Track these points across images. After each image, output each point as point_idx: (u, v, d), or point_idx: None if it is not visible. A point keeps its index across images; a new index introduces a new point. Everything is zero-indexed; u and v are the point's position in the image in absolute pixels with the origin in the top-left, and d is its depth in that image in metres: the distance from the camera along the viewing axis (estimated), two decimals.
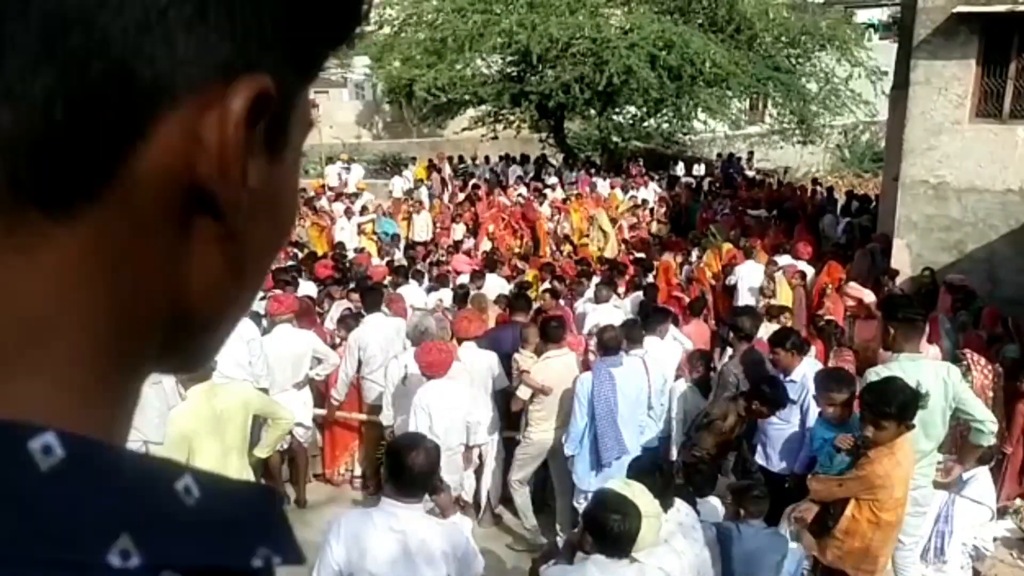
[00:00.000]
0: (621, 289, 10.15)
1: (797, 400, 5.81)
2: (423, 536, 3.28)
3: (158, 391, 5.05)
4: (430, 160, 24.22)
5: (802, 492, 4.92)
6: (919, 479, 4.75)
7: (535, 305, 8.83)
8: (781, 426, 5.86)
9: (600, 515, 3.23)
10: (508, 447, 6.72)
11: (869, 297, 8.81)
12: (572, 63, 21.17)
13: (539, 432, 6.29)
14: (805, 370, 6.00)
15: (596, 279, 10.28)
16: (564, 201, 17.92)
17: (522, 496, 6.46)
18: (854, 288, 9.54)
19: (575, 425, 6.00)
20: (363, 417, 7.26)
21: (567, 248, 15.80)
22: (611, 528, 3.17)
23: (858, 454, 4.30)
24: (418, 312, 7.04)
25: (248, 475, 4.80)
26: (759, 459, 5.97)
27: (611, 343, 6.12)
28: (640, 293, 9.57)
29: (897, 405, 4.06)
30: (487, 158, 24.78)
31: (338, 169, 23.53)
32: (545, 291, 9.48)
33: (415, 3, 24.02)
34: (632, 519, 3.18)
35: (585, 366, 6.49)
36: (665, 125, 25.36)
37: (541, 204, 17.65)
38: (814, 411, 5.74)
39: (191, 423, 4.54)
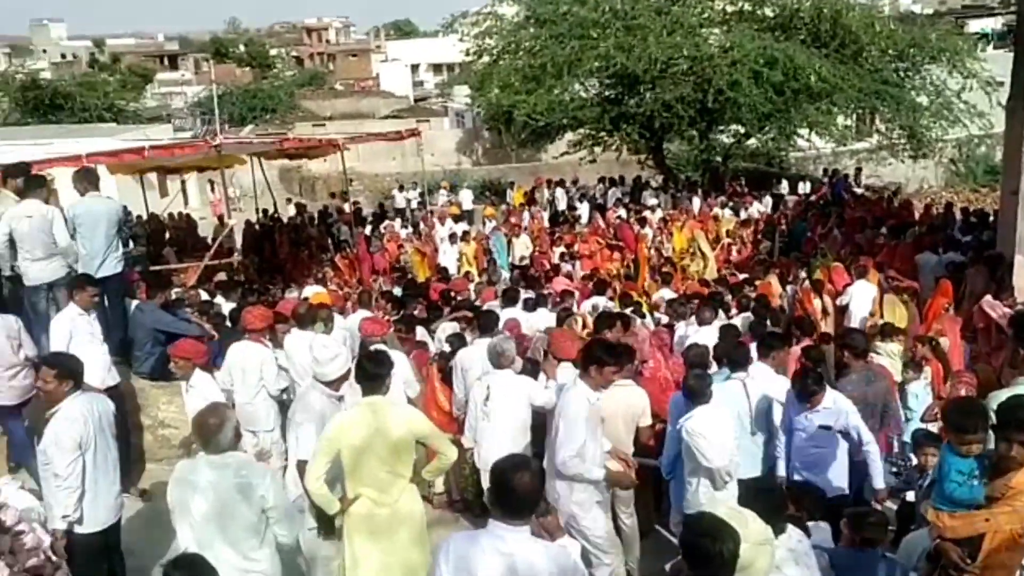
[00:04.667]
0: (733, 311, 9.97)
1: (833, 427, 5.75)
2: (531, 559, 3.27)
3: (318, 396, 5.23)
4: (535, 183, 24.47)
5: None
6: None
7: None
8: (818, 452, 5.83)
9: (693, 539, 3.17)
10: None
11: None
12: (672, 83, 21.07)
13: None
14: (835, 396, 5.86)
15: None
16: (665, 222, 17.78)
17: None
18: (993, 303, 9.21)
19: (671, 447, 5.91)
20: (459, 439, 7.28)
21: (667, 269, 15.63)
22: (705, 552, 3.11)
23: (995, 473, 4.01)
24: (497, 336, 7.04)
25: (414, 496, 4.86)
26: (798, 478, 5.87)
27: (695, 359, 6.04)
28: (749, 314, 9.34)
29: None
30: (575, 181, 24.82)
31: (444, 196, 24.17)
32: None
33: (513, 31, 24.34)
34: (727, 542, 3.10)
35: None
36: (771, 143, 24.90)
37: (642, 226, 17.57)
38: (863, 434, 5.76)
39: (343, 430, 4.63)
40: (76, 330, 6.64)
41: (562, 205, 22.61)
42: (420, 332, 8.84)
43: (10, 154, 13.30)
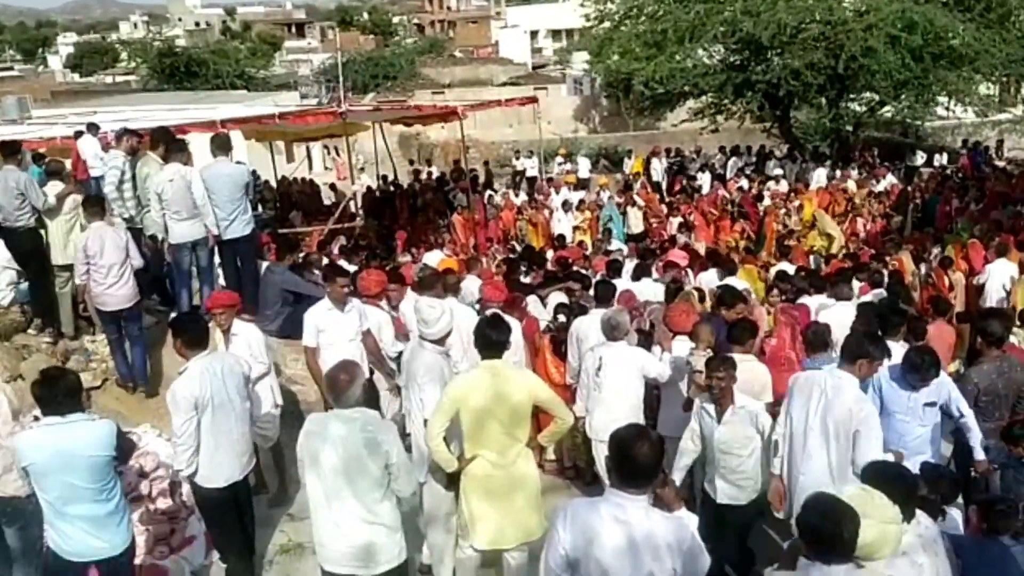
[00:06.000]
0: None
1: (937, 402, 5.54)
2: (649, 528, 3.27)
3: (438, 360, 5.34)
4: (653, 152, 24.08)
5: None
6: None
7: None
8: (924, 431, 5.59)
9: (812, 520, 3.14)
10: None
11: None
12: (802, 49, 20.30)
13: None
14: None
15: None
16: (791, 193, 17.24)
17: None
18: None
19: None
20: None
21: (791, 243, 15.16)
22: (825, 533, 3.08)
23: None
24: (613, 308, 6.99)
25: (529, 460, 4.94)
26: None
27: (815, 340, 5.88)
28: (880, 291, 8.95)
29: None
30: (698, 150, 24.18)
31: (560, 164, 24.11)
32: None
33: None
34: (845, 523, 3.05)
35: None
36: (906, 110, 23.75)
37: (760, 199, 17.10)
38: (962, 408, 5.61)
39: (465, 391, 4.73)
40: (328, 325, 6.67)
41: (657, 176, 22.20)
42: (532, 300, 8.87)
43: (150, 119, 14.04)
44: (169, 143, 8.03)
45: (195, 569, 5.66)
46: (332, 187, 20.47)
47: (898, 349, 6.02)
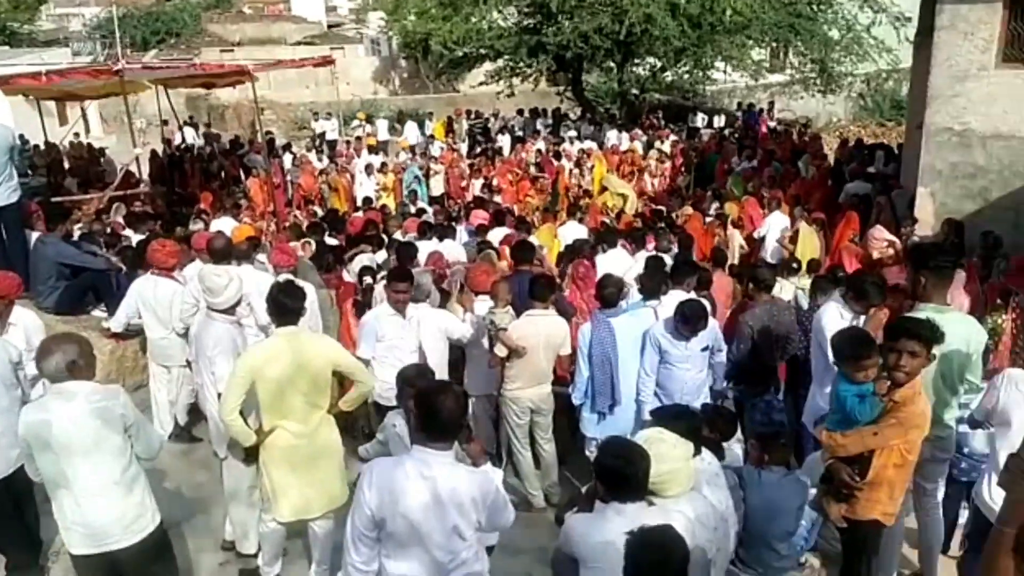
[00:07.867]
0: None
1: (711, 346, 6.00)
2: (453, 483, 3.32)
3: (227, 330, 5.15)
4: (449, 117, 24.09)
5: None
6: (940, 429, 4.69)
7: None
8: (700, 376, 5.99)
9: (607, 461, 3.31)
10: None
11: (894, 240, 8.90)
12: (590, 13, 20.87)
13: (512, 391, 6.23)
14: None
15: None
16: (581, 155, 17.82)
17: (524, 460, 6.38)
18: (879, 231, 9.50)
19: (580, 375, 6.07)
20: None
21: (585, 202, 15.72)
22: (619, 474, 3.25)
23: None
24: (415, 269, 7.00)
25: (331, 427, 4.81)
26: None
27: (609, 297, 6.10)
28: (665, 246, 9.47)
29: (927, 329, 4.05)
30: (496, 113, 24.43)
31: (359, 126, 23.62)
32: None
33: None
34: (638, 463, 3.24)
35: None
36: (686, 76, 25.01)
37: (558, 159, 17.58)
38: (721, 343, 6.16)
39: (260, 362, 4.51)
40: (388, 334, 6.11)
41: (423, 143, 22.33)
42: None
43: None
44: None
45: None
46: (102, 152, 18.73)
47: (680, 297, 6.38)
